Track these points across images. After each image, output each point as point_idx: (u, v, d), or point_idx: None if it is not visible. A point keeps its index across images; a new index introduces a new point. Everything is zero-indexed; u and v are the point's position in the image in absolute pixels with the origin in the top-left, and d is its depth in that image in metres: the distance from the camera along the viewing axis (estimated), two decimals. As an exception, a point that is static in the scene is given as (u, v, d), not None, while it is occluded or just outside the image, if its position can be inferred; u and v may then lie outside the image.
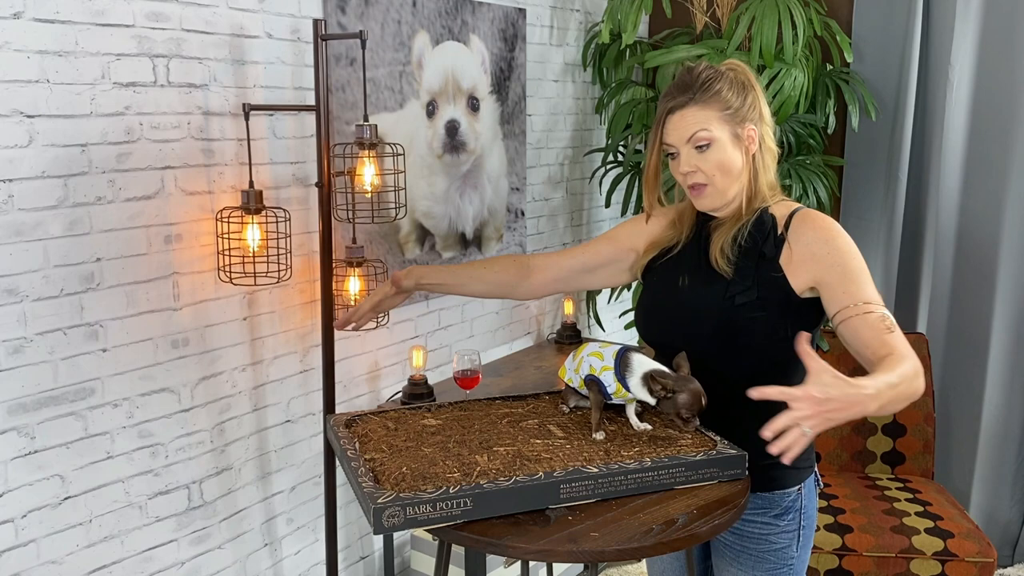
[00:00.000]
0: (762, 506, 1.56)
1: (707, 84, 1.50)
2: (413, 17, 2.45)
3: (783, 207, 1.56)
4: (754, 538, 1.58)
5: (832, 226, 1.50)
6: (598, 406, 1.51)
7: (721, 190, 1.52)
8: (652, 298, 1.65)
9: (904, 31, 3.03)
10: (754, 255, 1.51)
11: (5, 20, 1.59)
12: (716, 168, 1.50)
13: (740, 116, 1.51)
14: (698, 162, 1.50)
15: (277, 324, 2.20)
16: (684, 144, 1.51)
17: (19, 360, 1.68)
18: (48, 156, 1.68)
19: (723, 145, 1.50)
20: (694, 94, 1.49)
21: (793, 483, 1.57)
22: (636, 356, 1.48)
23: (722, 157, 1.50)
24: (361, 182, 1.94)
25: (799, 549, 1.59)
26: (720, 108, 1.49)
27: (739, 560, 1.60)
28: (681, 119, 1.50)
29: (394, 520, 1.23)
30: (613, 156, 3.16)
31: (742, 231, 1.53)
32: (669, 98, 1.52)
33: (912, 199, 3.14)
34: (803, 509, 1.58)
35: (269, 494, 2.25)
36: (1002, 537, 3.14)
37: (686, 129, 1.50)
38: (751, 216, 1.54)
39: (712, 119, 1.49)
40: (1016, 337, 3.02)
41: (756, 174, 1.54)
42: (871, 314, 1.40)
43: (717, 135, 1.49)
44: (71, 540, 1.81)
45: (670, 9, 2.89)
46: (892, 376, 1.28)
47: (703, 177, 1.51)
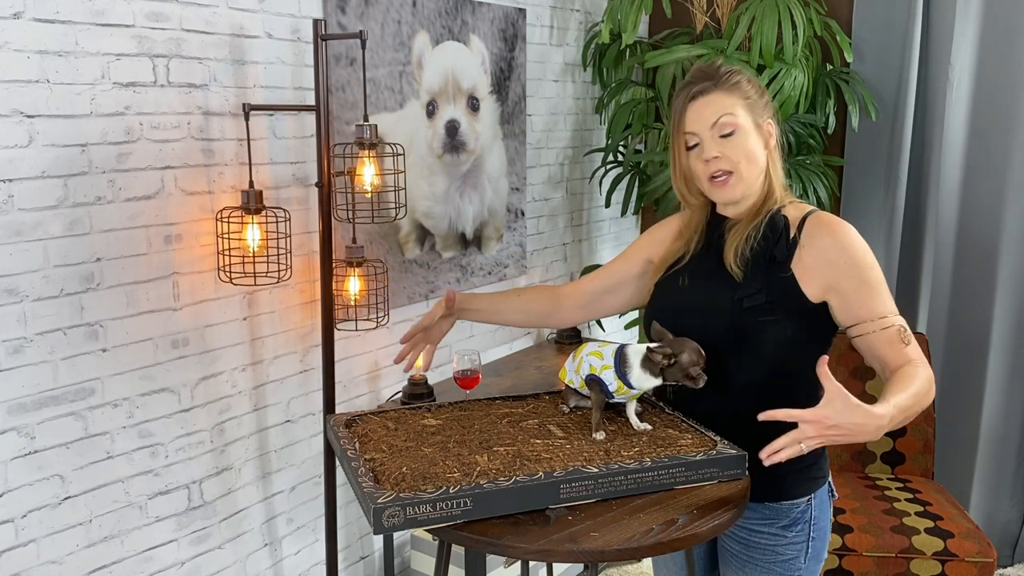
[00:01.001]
0: (770, 516, 1.53)
1: (728, 74, 1.49)
2: (413, 17, 2.45)
3: (796, 209, 1.53)
4: (761, 548, 1.55)
5: (849, 232, 1.47)
6: (599, 406, 1.51)
7: (747, 179, 1.48)
8: (660, 302, 1.63)
9: (904, 31, 3.03)
10: (764, 258, 1.48)
11: (5, 20, 1.59)
12: (743, 155, 1.47)
13: (760, 108, 1.50)
14: (722, 148, 1.46)
15: (277, 324, 2.20)
16: (708, 130, 1.47)
17: (19, 360, 1.68)
18: (48, 156, 1.68)
19: (747, 133, 1.47)
20: (716, 81, 1.48)
21: (803, 494, 1.54)
22: (631, 349, 1.48)
23: (748, 144, 1.47)
24: (361, 182, 1.94)
25: (807, 561, 1.55)
26: (742, 96, 1.48)
27: (745, 570, 1.58)
28: (706, 105, 1.47)
29: (394, 520, 1.23)
30: (613, 156, 3.16)
31: (755, 232, 1.49)
32: (690, 86, 1.50)
33: (912, 199, 3.13)
34: (813, 521, 1.54)
35: (269, 494, 2.25)
36: (1002, 537, 3.14)
37: (712, 114, 1.47)
38: (764, 217, 1.51)
39: (737, 105, 1.47)
40: (1016, 337, 3.02)
41: (773, 172, 1.52)
42: (889, 328, 1.42)
43: (742, 122, 1.47)
44: (71, 540, 1.81)
45: (670, 9, 2.89)
46: (906, 397, 1.32)
47: (729, 164, 1.47)
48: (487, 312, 1.75)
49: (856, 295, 1.43)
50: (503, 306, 1.77)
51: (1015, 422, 3.07)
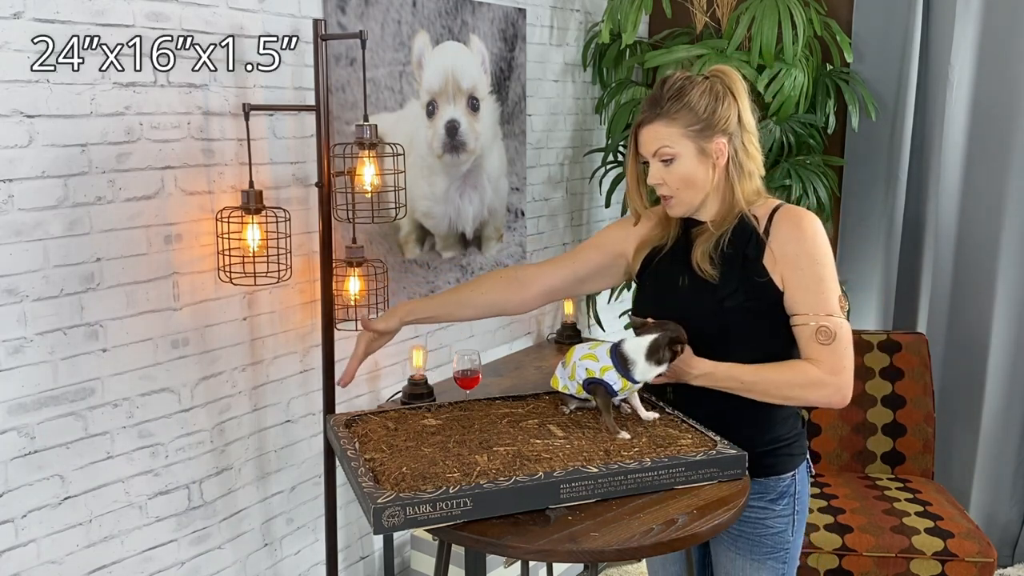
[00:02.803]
0: (759, 491, 1.60)
1: (675, 97, 1.53)
2: (413, 17, 2.45)
3: (765, 207, 1.58)
4: (751, 522, 1.62)
5: (808, 226, 1.52)
6: (607, 407, 1.52)
7: (686, 202, 1.57)
8: (652, 299, 1.67)
9: (904, 31, 3.03)
10: (738, 260, 1.55)
11: (5, 20, 1.59)
12: (679, 181, 1.55)
13: (709, 129, 1.52)
14: (663, 175, 1.55)
15: (277, 324, 2.20)
16: (652, 157, 1.56)
17: (19, 360, 1.68)
18: (48, 156, 1.68)
19: (686, 160, 1.54)
20: (661, 108, 1.53)
21: (787, 469, 1.62)
22: (627, 345, 1.51)
23: (685, 171, 1.54)
24: (361, 182, 1.94)
25: (794, 534, 1.64)
26: (685, 124, 1.52)
27: (737, 544, 1.64)
28: (647, 134, 1.56)
29: (394, 520, 1.23)
30: (613, 156, 3.16)
31: (723, 239, 1.56)
32: (641, 112, 1.58)
33: (912, 199, 3.13)
34: (797, 495, 1.63)
35: (269, 494, 2.25)
36: (1002, 537, 3.14)
37: (651, 144, 1.55)
38: (731, 224, 1.56)
39: (675, 136, 1.53)
40: (1016, 337, 3.02)
41: (732, 185, 1.56)
42: (807, 326, 1.49)
43: (679, 151, 1.53)
44: (71, 540, 1.81)
45: (670, 9, 2.90)
46: (750, 373, 1.51)
47: (667, 189, 1.56)
48: (439, 316, 1.80)
49: (797, 287, 1.51)
50: (455, 307, 1.78)
51: (1015, 422, 3.07)
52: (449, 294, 1.84)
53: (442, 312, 1.78)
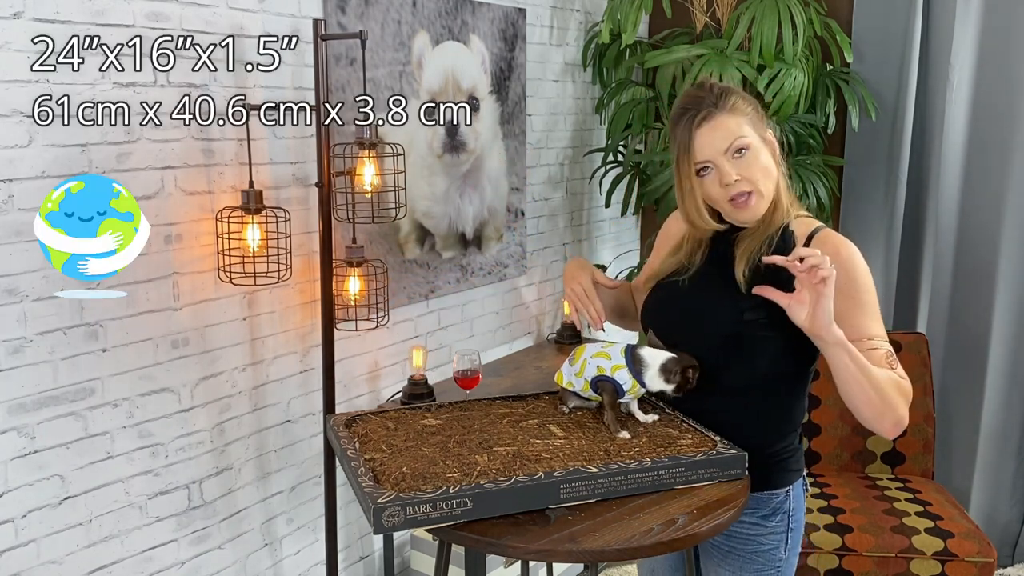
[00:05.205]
0: (751, 506, 1.55)
1: (723, 94, 1.47)
2: (413, 17, 2.45)
3: (803, 224, 1.53)
4: (742, 538, 1.57)
5: (853, 254, 1.47)
6: (612, 406, 1.52)
7: (766, 195, 1.48)
8: (658, 303, 1.63)
9: (904, 31, 3.03)
10: (770, 277, 1.46)
11: (5, 20, 1.59)
12: (760, 171, 1.46)
13: (760, 121, 1.49)
14: (741, 170, 1.45)
15: (277, 324, 2.20)
16: (721, 155, 1.45)
17: (19, 360, 1.68)
18: (48, 156, 1.68)
19: (758, 149, 1.47)
20: (715, 104, 1.46)
21: (782, 484, 1.57)
22: (645, 351, 1.51)
23: (761, 160, 1.47)
24: (361, 182, 1.94)
25: (787, 552, 1.58)
26: (745, 112, 1.47)
27: (727, 560, 1.59)
28: (713, 130, 1.45)
29: (394, 520, 1.23)
30: (613, 156, 3.16)
31: (767, 247, 1.49)
32: (689, 112, 1.47)
33: (912, 199, 3.13)
34: (791, 512, 1.58)
35: (269, 494, 2.25)
36: (1002, 537, 3.14)
37: (721, 140, 1.45)
38: (775, 232, 1.50)
39: (743, 125, 1.46)
40: (1016, 337, 3.02)
41: (778, 181, 1.51)
42: (876, 351, 1.42)
43: (752, 140, 1.46)
44: (71, 540, 1.81)
45: (670, 9, 2.89)
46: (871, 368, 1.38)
47: (748, 184, 1.45)
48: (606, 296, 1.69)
49: (850, 315, 1.44)
50: (623, 294, 1.75)
51: (1015, 422, 3.07)
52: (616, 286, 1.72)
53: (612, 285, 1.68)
